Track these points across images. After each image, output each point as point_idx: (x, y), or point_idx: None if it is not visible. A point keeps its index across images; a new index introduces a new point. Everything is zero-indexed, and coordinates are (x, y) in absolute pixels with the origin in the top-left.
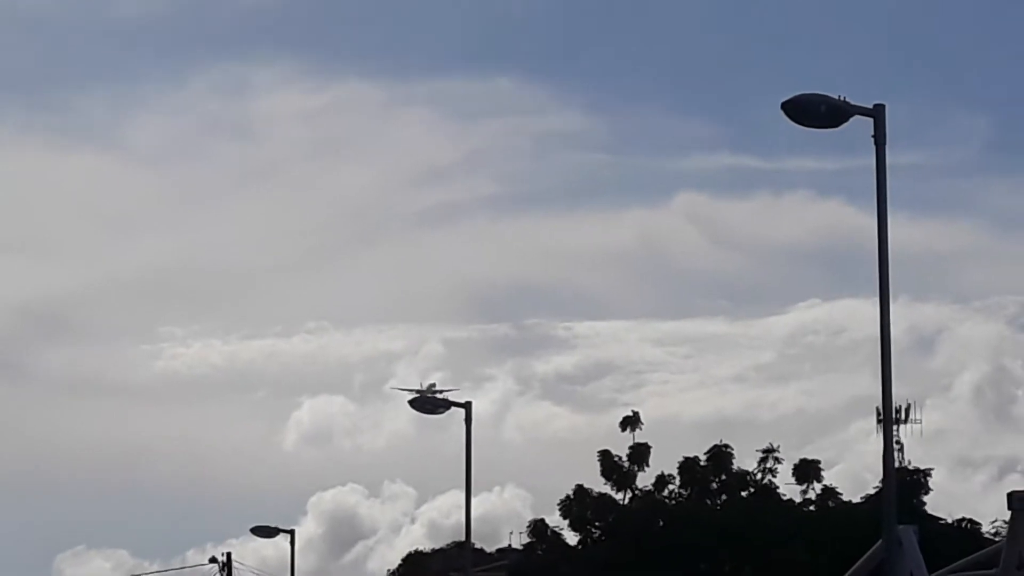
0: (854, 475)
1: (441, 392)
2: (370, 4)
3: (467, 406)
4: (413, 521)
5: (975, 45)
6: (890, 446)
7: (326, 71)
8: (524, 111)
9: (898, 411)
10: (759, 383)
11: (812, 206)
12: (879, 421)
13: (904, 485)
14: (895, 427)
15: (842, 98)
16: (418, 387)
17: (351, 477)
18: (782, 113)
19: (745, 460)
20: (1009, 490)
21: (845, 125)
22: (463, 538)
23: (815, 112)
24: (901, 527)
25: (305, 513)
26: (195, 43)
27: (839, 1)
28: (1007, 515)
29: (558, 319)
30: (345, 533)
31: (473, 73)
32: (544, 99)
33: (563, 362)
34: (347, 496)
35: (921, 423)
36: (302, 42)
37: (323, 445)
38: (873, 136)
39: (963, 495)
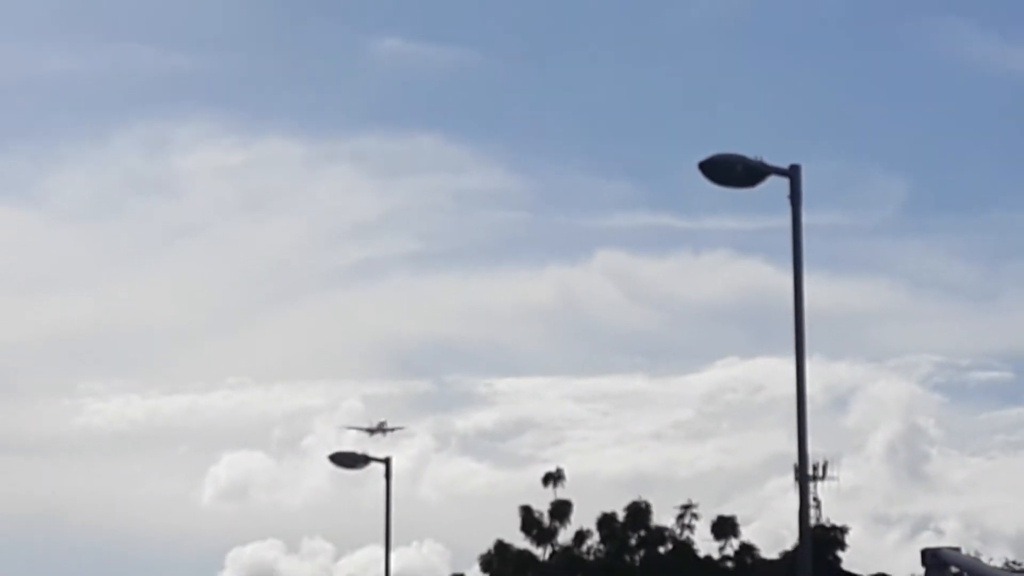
0: (771, 532)
1: (391, 429)
2: (292, 62)
3: (387, 461)
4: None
5: (893, 108)
6: (806, 503)
7: (247, 128)
8: (445, 169)
9: (815, 468)
10: (677, 440)
11: (731, 265)
12: (796, 478)
13: (821, 542)
14: (812, 484)
15: (759, 158)
16: (368, 426)
17: (270, 532)
18: (699, 172)
19: (663, 516)
20: (922, 547)
21: (763, 185)
22: None
23: (732, 172)
24: None
25: (223, 568)
26: (116, 100)
27: (760, 64)
28: (921, 571)
29: (478, 376)
30: None
31: (394, 131)
32: (465, 157)
33: (483, 418)
34: (266, 551)
35: (837, 480)
36: (223, 99)
37: (241, 500)
38: (789, 196)
39: (878, 552)
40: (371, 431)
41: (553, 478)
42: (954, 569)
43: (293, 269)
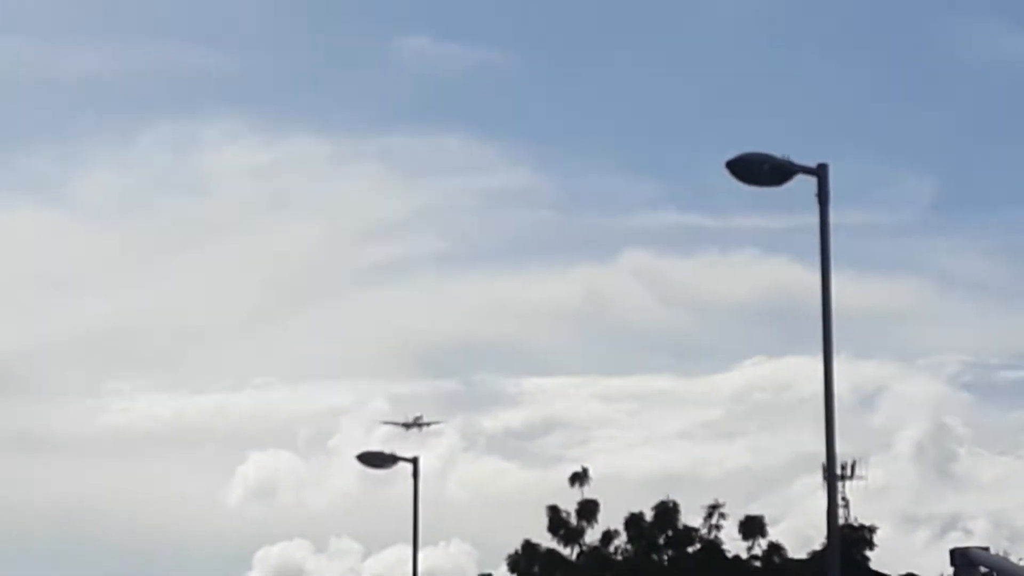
0: (799, 531)
1: (426, 424)
2: (318, 60)
3: (415, 461)
4: (357, 575)
5: (920, 106)
6: (835, 502)
7: (274, 127)
8: (472, 168)
9: (843, 468)
10: (705, 440)
11: (758, 264)
12: (824, 478)
13: (849, 541)
14: (840, 484)
15: (786, 157)
16: (404, 420)
17: (297, 532)
18: (727, 171)
19: (691, 516)
20: (951, 546)
21: (791, 184)
22: None
23: (759, 171)
24: None
25: (251, 568)
26: (143, 99)
27: (787, 62)
28: (950, 571)
29: (505, 375)
30: None
31: (421, 130)
32: (492, 156)
33: (511, 418)
34: (293, 551)
35: (866, 479)
36: (250, 98)
37: (269, 500)
38: (817, 195)
39: (906, 551)
40: (407, 426)
41: (579, 478)
42: (983, 569)
43: (319, 268)
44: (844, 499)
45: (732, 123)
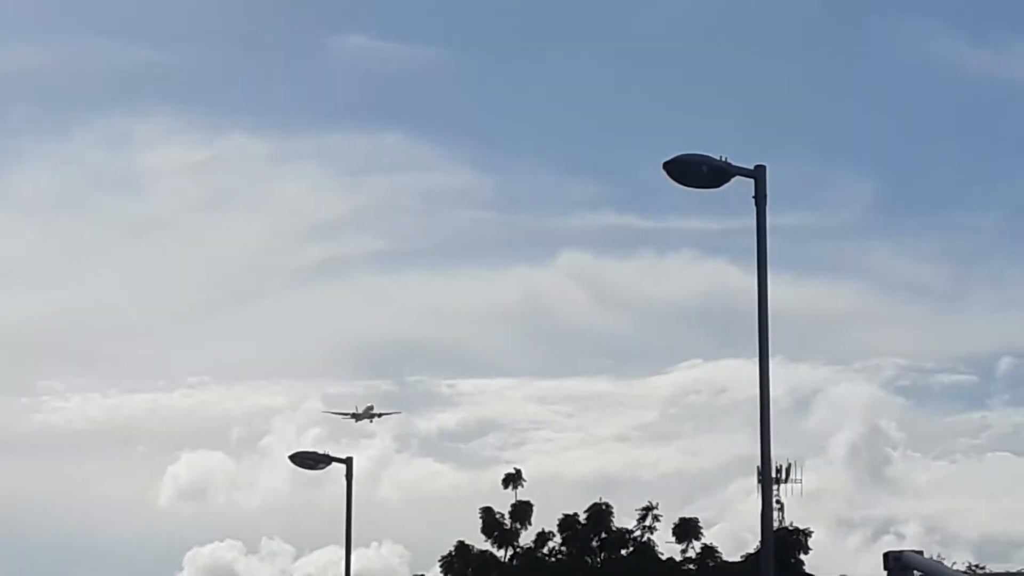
0: (734, 534)
1: (378, 415)
2: (256, 58)
3: (348, 462)
4: None
5: (859, 109)
6: (769, 506)
7: (211, 125)
8: (411, 168)
9: (778, 471)
10: (641, 442)
11: (696, 266)
12: (759, 480)
13: (784, 544)
14: (775, 487)
15: (723, 159)
16: (353, 411)
17: (228, 533)
18: (664, 173)
19: (625, 519)
20: (884, 550)
21: (729, 186)
22: None
23: (697, 172)
24: None
25: (181, 569)
26: (78, 95)
27: (726, 64)
28: (883, 575)
29: (441, 376)
30: None
31: (360, 129)
32: (431, 156)
33: (446, 419)
34: (224, 552)
35: (801, 483)
36: (187, 95)
37: (199, 500)
38: (754, 197)
39: (840, 555)
40: (356, 416)
41: (512, 479)
42: (917, 573)
43: (256, 267)
44: (779, 502)
45: (671, 125)
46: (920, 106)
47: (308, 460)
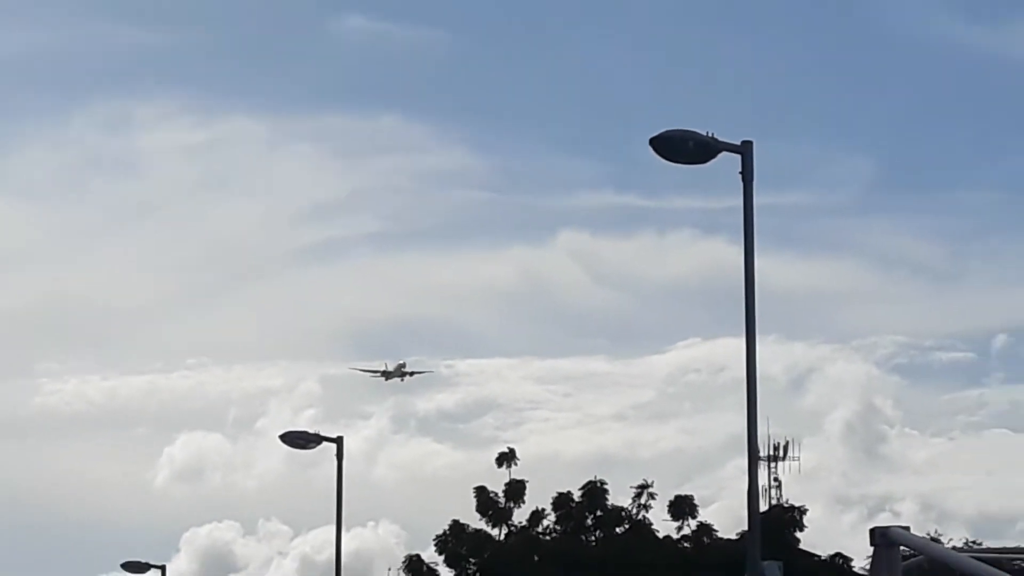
0: (730, 512)
1: (410, 373)
2: (254, 40)
3: (338, 441)
4: (285, 556)
5: (859, 87)
6: (755, 481)
7: (209, 107)
8: (408, 149)
9: (775, 449)
10: (639, 421)
11: (695, 245)
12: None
13: (779, 522)
14: (772, 465)
15: (710, 134)
16: (383, 369)
17: (226, 514)
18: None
19: (621, 497)
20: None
21: (727, 164)
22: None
23: (683, 148)
24: (766, 562)
25: (178, 550)
26: (77, 78)
27: (727, 42)
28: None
29: (440, 357)
30: (217, 569)
31: (357, 110)
32: (428, 137)
33: (445, 400)
34: (222, 532)
35: (799, 460)
36: (185, 78)
37: (196, 481)
38: (741, 173)
39: (836, 532)
40: (386, 374)
41: (506, 458)
42: (903, 548)
43: (254, 249)
44: (776, 480)
45: (670, 104)
46: (919, 84)
47: (299, 440)
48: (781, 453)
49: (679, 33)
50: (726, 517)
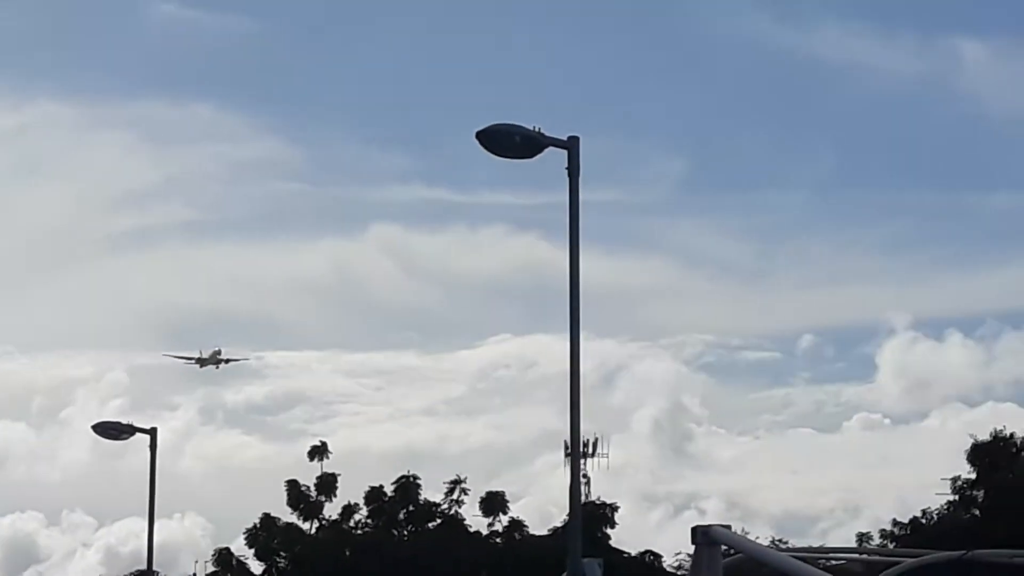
0: (540, 508)
1: (226, 360)
2: (65, 24)
3: (152, 432)
4: (89, 547)
5: (672, 86)
6: (577, 480)
7: (18, 91)
8: (221, 138)
9: (584, 446)
10: (449, 416)
11: (508, 240)
12: (567, 455)
13: (591, 519)
14: (583, 461)
15: (537, 129)
16: (198, 356)
17: (29, 504)
18: (477, 144)
19: (432, 492)
20: (689, 525)
21: (540, 160)
22: (143, 566)
23: (510, 142)
24: (586, 560)
25: None
26: None
27: (537, 37)
28: (690, 548)
29: (250, 348)
30: (18, 559)
31: (170, 98)
32: (241, 126)
33: (254, 392)
34: (25, 523)
35: (608, 457)
36: None
37: None
38: (567, 168)
39: (644, 529)
40: (200, 361)
41: (318, 452)
42: (724, 547)
43: (63, 236)
44: (585, 476)
45: (482, 99)
46: (728, 83)
47: (111, 430)
48: (590, 450)
49: (489, 27)
50: (536, 513)
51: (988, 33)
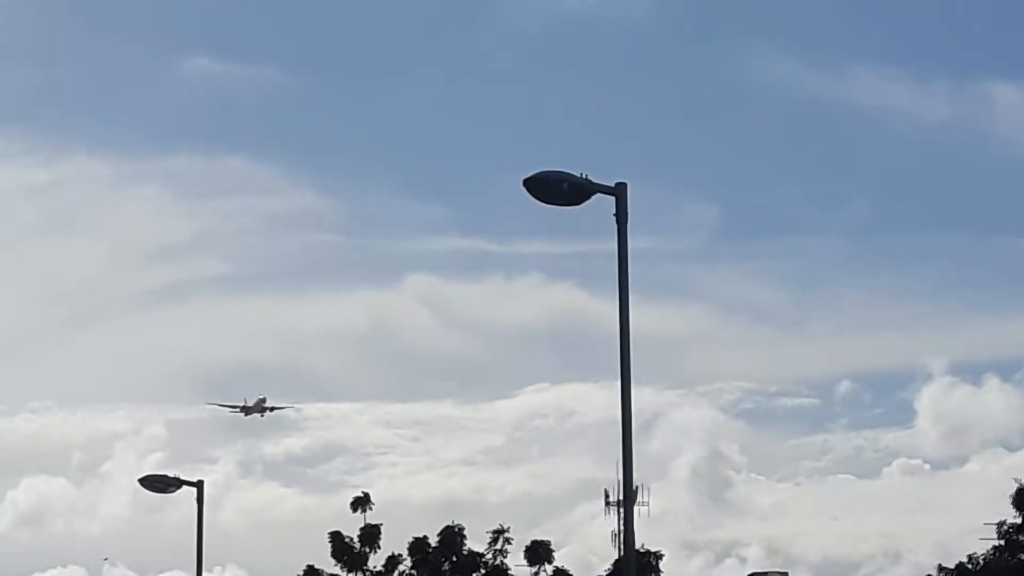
0: (581, 557)
1: (270, 409)
2: (99, 80)
3: (199, 485)
4: None
5: (707, 133)
6: (631, 528)
7: (52, 146)
8: (254, 191)
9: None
10: (487, 466)
11: (543, 289)
12: (607, 503)
13: (639, 566)
14: (622, 509)
15: (584, 175)
16: (243, 404)
17: (70, 559)
18: (513, 191)
19: (475, 542)
20: (731, 572)
21: (577, 207)
22: None
23: (557, 189)
24: None
25: None
26: None
27: (574, 88)
28: None
29: (287, 401)
30: None
31: (203, 152)
32: (275, 179)
33: (292, 444)
34: None
35: (648, 505)
36: (27, 117)
37: (39, 526)
38: (615, 215)
39: None
40: (245, 410)
41: (361, 503)
42: None
43: (99, 291)
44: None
45: (515, 148)
46: (764, 131)
47: (158, 483)
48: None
49: (521, 78)
50: (577, 562)
51: (1020, 77)
